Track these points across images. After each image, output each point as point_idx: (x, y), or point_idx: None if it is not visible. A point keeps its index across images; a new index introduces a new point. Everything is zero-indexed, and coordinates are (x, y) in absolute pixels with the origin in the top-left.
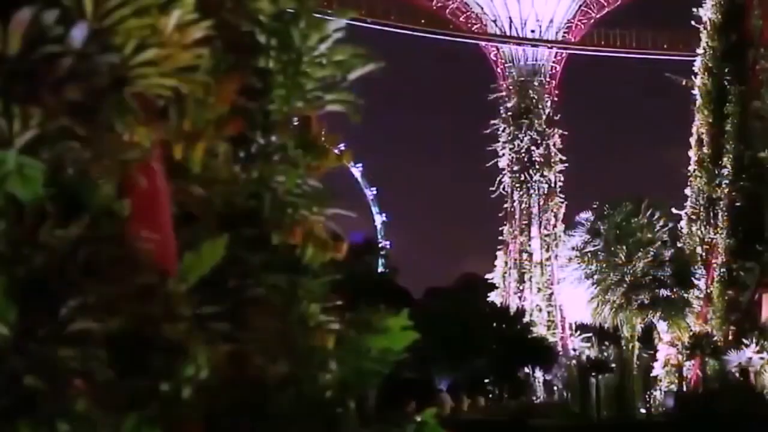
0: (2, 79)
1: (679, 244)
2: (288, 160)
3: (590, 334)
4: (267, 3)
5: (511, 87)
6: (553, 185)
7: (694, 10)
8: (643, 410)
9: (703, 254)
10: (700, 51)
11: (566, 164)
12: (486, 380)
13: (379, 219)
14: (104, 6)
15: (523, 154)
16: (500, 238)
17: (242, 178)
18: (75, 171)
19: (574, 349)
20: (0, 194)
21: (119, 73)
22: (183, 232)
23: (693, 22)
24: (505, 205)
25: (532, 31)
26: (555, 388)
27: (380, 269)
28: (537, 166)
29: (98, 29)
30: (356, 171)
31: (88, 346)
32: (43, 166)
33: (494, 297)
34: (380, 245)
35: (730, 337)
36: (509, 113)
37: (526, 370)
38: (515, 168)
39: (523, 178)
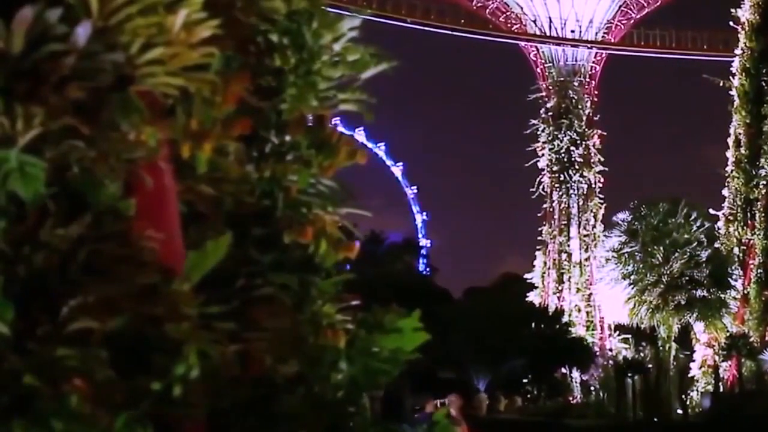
0: (5, 77)
1: (716, 245)
2: (301, 159)
3: (629, 335)
4: (279, 2)
5: (550, 87)
6: (592, 185)
7: (733, 10)
8: (679, 411)
9: (740, 255)
10: (738, 52)
11: (606, 166)
12: (524, 380)
13: (419, 218)
14: (110, 4)
15: (563, 155)
16: (539, 238)
17: (254, 177)
18: (80, 170)
19: (610, 350)
20: (1, 193)
21: (124, 71)
22: (192, 232)
23: (731, 23)
24: (545, 205)
25: (572, 32)
26: (592, 388)
27: (421, 269)
28: (576, 167)
29: (103, 27)
30: (397, 170)
31: (88, 346)
32: (45, 164)
33: (533, 297)
34: (421, 245)
35: (767, 338)
36: (549, 113)
37: (564, 370)
38: (555, 168)
39: (562, 179)
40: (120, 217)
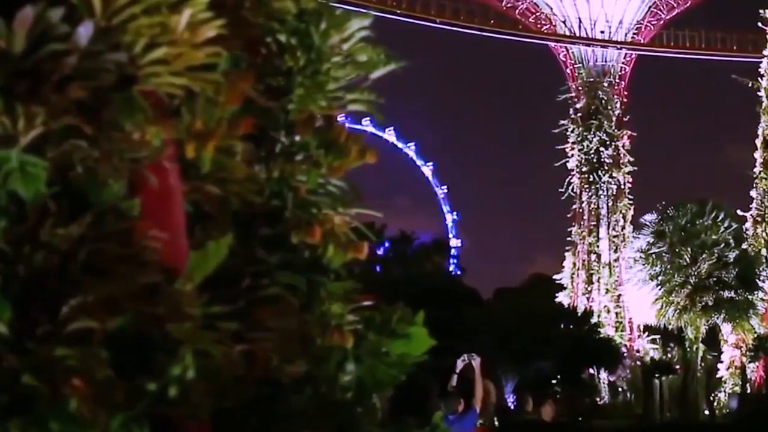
0: (6, 77)
1: (743, 246)
2: (310, 159)
3: (657, 336)
4: (289, 1)
5: (580, 88)
6: (621, 186)
7: (761, 11)
8: (707, 412)
9: None
10: (766, 52)
11: (635, 166)
12: (553, 381)
13: (449, 218)
14: (113, 4)
15: (592, 155)
16: (568, 239)
17: (263, 178)
18: (83, 169)
19: (637, 351)
20: (2, 193)
21: (128, 71)
22: (198, 232)
23: (760, 24)
24: (574, 206)
25: (602, 32)
26: (619, 389)
27: (451, 269)
28: (606, 168)
29: (106, 27)
30: (427, 169)
31: (88, 346)
32: (46, 164)
33: (562, 298)
34: (451, 245)
35: None
36: (578, 114)
37: (591, 371)
38: (584, 169)
39: (591, 179)
40: (122, 217)
